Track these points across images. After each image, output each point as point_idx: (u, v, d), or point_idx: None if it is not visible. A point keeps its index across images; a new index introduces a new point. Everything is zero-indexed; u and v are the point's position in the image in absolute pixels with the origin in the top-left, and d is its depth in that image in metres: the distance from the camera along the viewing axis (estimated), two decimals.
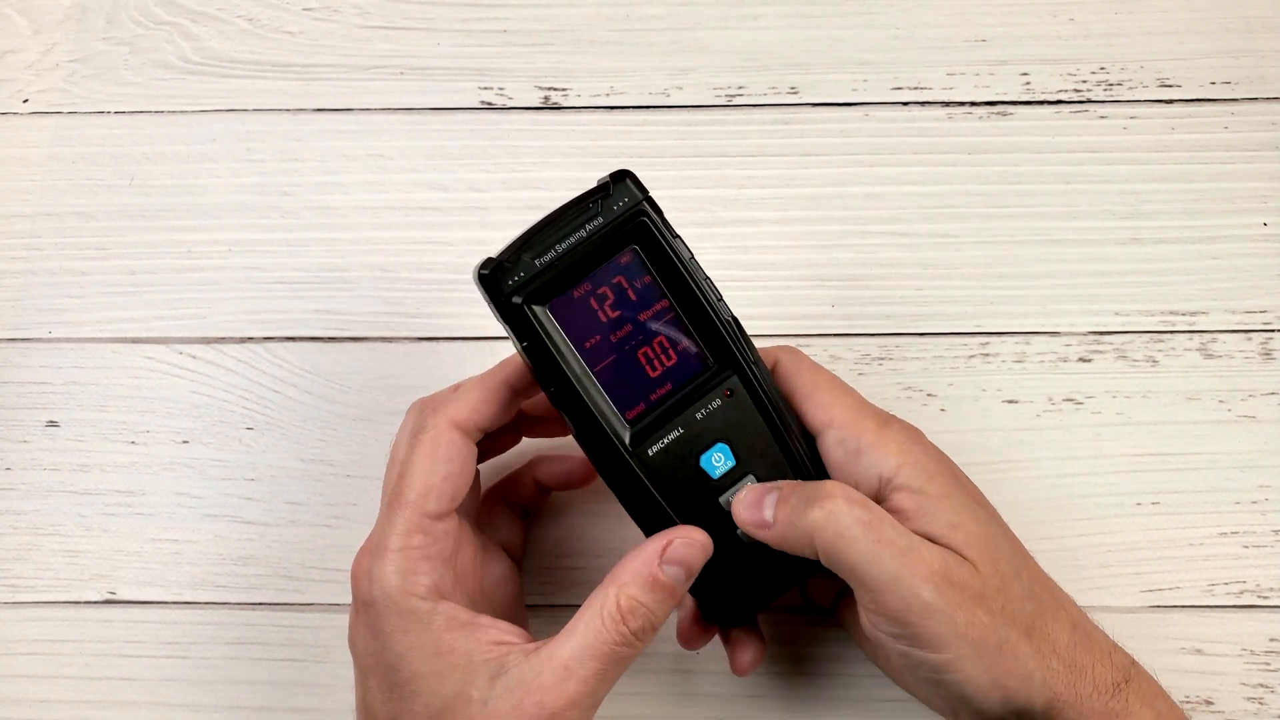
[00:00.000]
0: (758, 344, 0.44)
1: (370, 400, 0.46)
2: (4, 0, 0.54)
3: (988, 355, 0.47)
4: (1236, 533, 0.44)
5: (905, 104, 0.51)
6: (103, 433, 0.47)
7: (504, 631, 0.35)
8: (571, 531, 0.45)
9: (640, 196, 0.35)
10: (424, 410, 0.37)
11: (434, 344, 0.42)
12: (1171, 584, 0.44)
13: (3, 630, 0.44)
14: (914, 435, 0.36)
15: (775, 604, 0.38)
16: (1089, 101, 0.50)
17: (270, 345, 0.48)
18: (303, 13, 0.53)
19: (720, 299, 0.36)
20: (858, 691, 0.42)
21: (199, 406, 0.47)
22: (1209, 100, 0.50)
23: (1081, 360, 0.47)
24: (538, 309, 0.35)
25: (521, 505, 0.43)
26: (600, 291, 0.36)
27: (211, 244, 0.49)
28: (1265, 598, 0.43)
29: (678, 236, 0.36)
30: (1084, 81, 0.51)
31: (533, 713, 0.32)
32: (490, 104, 0.51)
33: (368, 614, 0.35)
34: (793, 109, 0.51)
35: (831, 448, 0.36)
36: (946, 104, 0.51)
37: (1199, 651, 0.43)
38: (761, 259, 0.48)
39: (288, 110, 0.51)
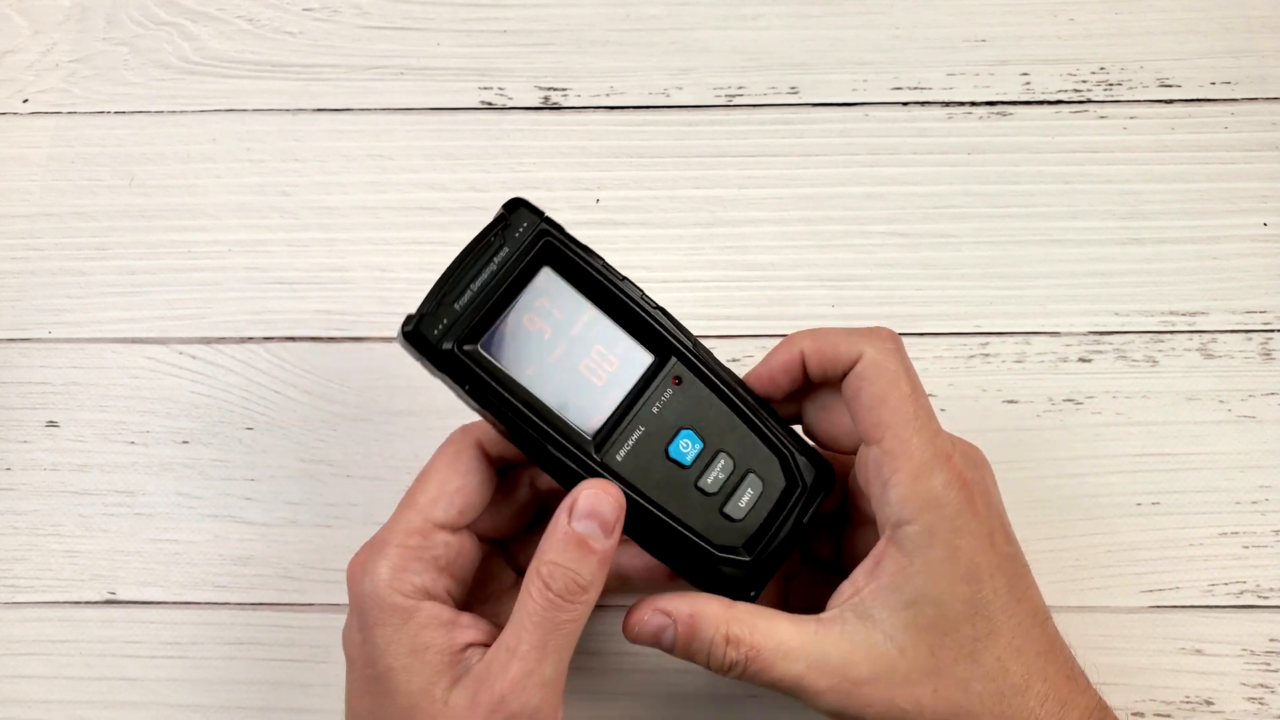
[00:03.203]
0: (763, 343, 0.44)
1: (370, 400, 0.46)
2: (4, 0, 0.53)
3: (988, 355, 0.47)
4: (1236, 533, 0.44)
5: (905, 104, 0.51)
6: (103, 433, 0.47)
7: (482, 632, 0.35)
8: None
9: (539, 219, 0.36)
10: (459, 429, 0.38)
11: None
12: (1171, 584, 0.44)
13: (3, 630, 0.44)
14: (953, 490, 0.34)
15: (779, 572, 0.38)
16: (1089, 101, 0.50)
17: (270, 345, 0.48)
18: (303, 13, 0.53)
19: (643, 295, 0.36)
20: None
21: (199, 406, 0.47)
22: (1209, 100, 0.50)
23: (1081, 360, 0.47)
24: (469, 348, 0.35)
25: None
26: (527, 317, 0.36)
27: (211, 244, 0.49)
28: (1265, 598, 0.43)
29: (585, 247, 0.36)
30: (1084, 81, 0.51)
31: (485, 703, 0.32)
32: (490, 104, 0.51)
33: (358, 607, 0.35)
34: (793, 109, 0.51)
35: (866, 462, 0.36)
36: (946, 104, 0.51)
37: (1199, 651, 0.43)
38: (761, 259, 0.48)
39: (288, 110, 0.51)
